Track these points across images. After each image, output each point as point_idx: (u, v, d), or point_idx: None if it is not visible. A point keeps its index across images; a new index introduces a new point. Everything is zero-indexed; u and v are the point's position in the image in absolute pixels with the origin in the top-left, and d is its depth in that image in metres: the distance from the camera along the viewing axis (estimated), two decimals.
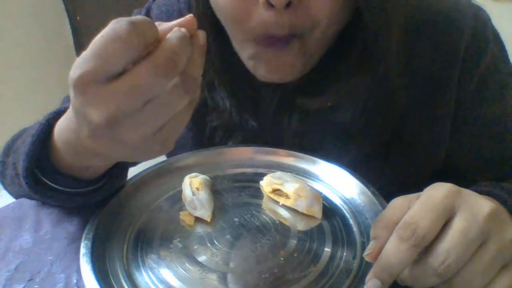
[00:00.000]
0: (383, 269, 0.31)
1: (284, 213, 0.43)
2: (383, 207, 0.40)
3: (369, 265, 0.34)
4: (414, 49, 0.51)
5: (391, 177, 0.53)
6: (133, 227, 0.42)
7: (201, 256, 0.38)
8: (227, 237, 0.40)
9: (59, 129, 0.40)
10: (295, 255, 0.38)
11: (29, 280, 0.41)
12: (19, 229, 0.48)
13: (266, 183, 0.46)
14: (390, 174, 0.53)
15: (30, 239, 0.47)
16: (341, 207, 0.44)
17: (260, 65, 0.47)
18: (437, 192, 0.32)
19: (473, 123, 0.53)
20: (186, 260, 0.38)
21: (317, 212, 0.42)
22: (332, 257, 0.38)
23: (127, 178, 0.47)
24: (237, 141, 0.56)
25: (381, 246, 0.32)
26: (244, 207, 0.44)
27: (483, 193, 0.38)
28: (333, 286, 0.35)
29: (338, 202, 0.45)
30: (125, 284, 0.36)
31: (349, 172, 0.47)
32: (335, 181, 0.48)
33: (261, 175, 0.48)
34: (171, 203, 0.46)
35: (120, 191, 0.45)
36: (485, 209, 0.31)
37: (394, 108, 0.52)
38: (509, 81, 0.53)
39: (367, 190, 0.44)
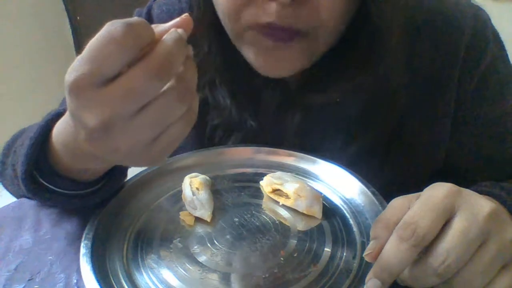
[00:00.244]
0: (383, 269, 0.31)
1: (284, 213, 0.43)
2: (383, 207, 0.40)
3: (369, 265, 0.34)
4: (414, 49, 0.51)
5: (391, 177, 0.53)
6: (133, 227, 0.42)
7: (201, 256, 0.38)
8: (227, 237, 0.40)
9: (57, 131, 0.40)
10: (295, 255, 0.38)
11: (29, 280, 0.41)
12: (19, 229, 0.48)
13: (266, 183, 0.46)
14: (390, 174, 0.53)
15: (30, 239, 0.47)
16: (341, 207, 0.44)
17: (260, 57, 0.46)
18: (437, 192, 0.32)
19: (473, 123, 0.53)
20: (186, 260, 0.38)
21: (317, 212, 0.42)
22: (332, 257, 0.38)
23: (127, 178, 0.47)
24: (237, 140, 0.56)
25: (381, 246, 0.32)
26: (244, 207, 0.44)
27: (483, 193, 0.38)
28: (333, 286, 0.35)
29: (338, 202, 0.45)
30: (125, 284, 0.36)
31: (349, 172, 0.47)
32: (335, 181, 0.48)
33: (261, 175, 0.48)
34: (171, 203, 0.46)
35: (120, 191, 0.45)
36: (485, 209, 0.31)
37: (394, 108, 0.52)
38: (509, 81, 0.53)
39: (367, 190, 0.44)
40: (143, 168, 0.49)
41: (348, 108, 0.52)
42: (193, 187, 0.44)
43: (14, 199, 0.54)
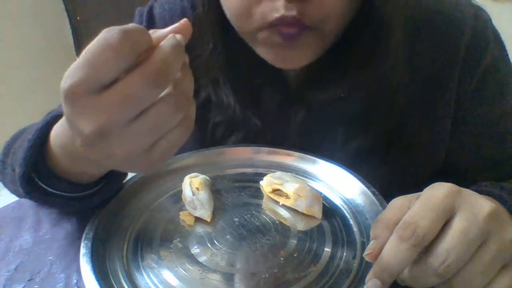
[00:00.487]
0: (383, 269, 0.31)
1: (284, 213, 0.43)
2: (383, 207, 0.40)
3: (369, 265, 0.34)
4: (414, 49, 0.51)
5: (391, 177, 0.53)
6: (133, 227, 0.42)
7: (201, 256, 0.38)
8: (227, 237, 0.40)
9: (55, 134, 0.40)
10: (295, 255, 0.38)
11: (29, 280, 0.41)
12: (19, 229, 0.48)
13: (266, 183, 0.46)
14: (390, 174, 0.53)
15: (30, 239, 0.47)
16: (341, 207, 0.44)
17: (272, 55, 0.47)
18: (437, 192, 0.32)
19: (473, 123, 0.53)
20: (186, 260, 0.38)
21: (317, 212, 0.42)
22: (332, 257, 0.38)
23: (126, 179, 0.47)
24: (239, 138, 0.57)
25: (381, 246, 0.32)
26: (244, 207, 0.44)
27: (483, 193, 0.38)
28: (333, 286, 0.35)
29: (338, 202, 0.45)
30: (125, 284, 0.36)
31: (349, 172, 0.47)
32: (335, 181, 0.48)
33: (261, 175, 0.48)
34: (171, 203, 0.46)
35: (120, 191, 0.45)
36: (485, 209, 0.31)
37: (394, 108, 0.52)
38: (509, 81, 0.53)
39: (367, 190, 0.44)
40: None
41: (348, 108, 0.52)
42: (193, 187, 0.44)
43: (14, 199, 0.54)
